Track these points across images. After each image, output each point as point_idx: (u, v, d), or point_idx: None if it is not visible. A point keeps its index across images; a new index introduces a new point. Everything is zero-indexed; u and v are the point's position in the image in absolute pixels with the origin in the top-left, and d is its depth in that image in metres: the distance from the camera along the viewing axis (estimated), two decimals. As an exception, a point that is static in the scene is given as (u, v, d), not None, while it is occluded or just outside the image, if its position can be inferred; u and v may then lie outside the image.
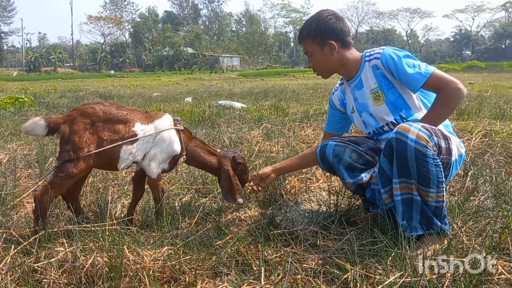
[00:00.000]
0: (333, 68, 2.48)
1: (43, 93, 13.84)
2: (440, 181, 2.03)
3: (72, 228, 2.17)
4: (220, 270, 1.96)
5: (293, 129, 5.50)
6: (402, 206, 2.10)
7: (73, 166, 2.19)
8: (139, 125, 2.36)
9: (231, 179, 2.57)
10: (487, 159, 3.73)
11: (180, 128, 2.49)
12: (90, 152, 2.22)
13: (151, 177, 2.42)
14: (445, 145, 2.11)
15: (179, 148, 2.46)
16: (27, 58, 71.25)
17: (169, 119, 2.48)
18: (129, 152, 2.32)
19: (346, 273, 1.83)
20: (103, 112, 2.29)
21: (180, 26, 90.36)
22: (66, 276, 1.87)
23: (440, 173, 2.02)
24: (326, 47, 2.40)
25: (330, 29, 2.38)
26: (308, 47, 2.46)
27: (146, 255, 1.96)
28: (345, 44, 2.42)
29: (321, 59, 2.45)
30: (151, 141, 2.38)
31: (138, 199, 2.56)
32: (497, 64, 40.56)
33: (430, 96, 2.34)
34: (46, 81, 32.64)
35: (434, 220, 2.07)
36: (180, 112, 7.60)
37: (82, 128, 2.23)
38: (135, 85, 22.93)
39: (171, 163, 2.48)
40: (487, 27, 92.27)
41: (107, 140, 2.27)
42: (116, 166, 2.34)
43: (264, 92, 12.12)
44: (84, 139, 2.22)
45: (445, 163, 2.12)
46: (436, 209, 2.07)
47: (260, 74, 42.18)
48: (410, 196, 2.09)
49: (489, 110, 6.82)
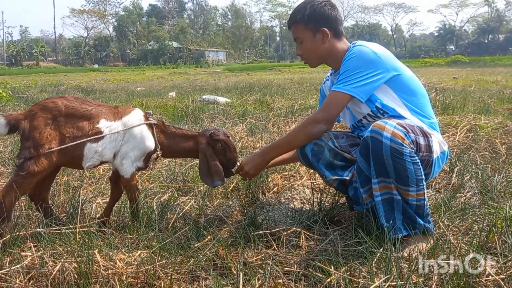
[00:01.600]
0: (322, 57, 2.37)
1: (23, 88, 13.53)
2: (419, 179, 1.96)
3: (41, 231, 2.05)
4: (197, 274, 1.87)
5: (278, 125, 5.42)
6: (383, 207, 2.04)
7: (34, 164, 2.05)
8: (104, 121, 2.22)
9: (207, 159, 2.37)
10: (472, 155, 3.69)
11: (152, 122, 2.33)
12: (51, 149, 2.09)
13: (124, 177, 2.29)
14: (425, 142, 2.05)
15: (152, 144, 2.31)
16: (8, 52, 69.79)
17: (139, 114, 2.33)
18: (94, 151, 2.19)
19: (330, 276, 1.75)
20: (65, 107, 2.15)
21: (165, 20, 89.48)
22: (33, 283, 1.75)
23: (418, 171, 1.96)
24: (319, 34, 2.30)
25: (325, 15, 2.28)
26: (299, 32, 2.34)
27: (119, 260, 1.85)
28: (337, 34, 2.33)
29: (312, 46, 2.33)
30: (120, 139, 2.25)
31: (116, 199, 2.43)
32: (480, 59, 41.02)
33: (410, 95, 2.22)
34: (27, 76, 32.03)
35: (417, 219, 2.01)
36: (163, 107, 7.45)
37: (43, 124, 2.09)
38: (119, 79, 22.61)
39: (146, 160, 2.36)
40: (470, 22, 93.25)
41: (69, 136, 2.14)
42: (80, 165, 2.21)
43: (249, 87, 12.00)
44: (45, 135, 2.08)
45: (425, 161, 2.05)
46: (418, 208, 2.01)
47: (245, 68, 41.99)
48: (390, 196, 2.02)
49: (474, 104, 6.82)
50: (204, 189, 2.97)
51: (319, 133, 2.19)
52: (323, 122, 2.15)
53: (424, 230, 2.04)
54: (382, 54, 2.19)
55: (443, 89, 9.97)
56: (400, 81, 2.20)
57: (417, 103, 2.22)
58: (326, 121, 2.17)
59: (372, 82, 2.14)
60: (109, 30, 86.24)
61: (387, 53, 2.23)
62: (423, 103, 2.25)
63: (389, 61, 2.19)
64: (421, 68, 30.88)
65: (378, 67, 2.15)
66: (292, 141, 2.26)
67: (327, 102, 2.16)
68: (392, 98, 2.21)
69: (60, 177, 3.14)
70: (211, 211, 2.66)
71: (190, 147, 2.40)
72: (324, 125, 2.17)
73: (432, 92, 8.90)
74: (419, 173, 1.96)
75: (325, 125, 2.17)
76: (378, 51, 2.19)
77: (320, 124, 2.16)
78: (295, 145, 2.27)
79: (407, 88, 2.22)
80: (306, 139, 2.24)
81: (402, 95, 2.21)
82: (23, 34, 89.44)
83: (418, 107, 2.22)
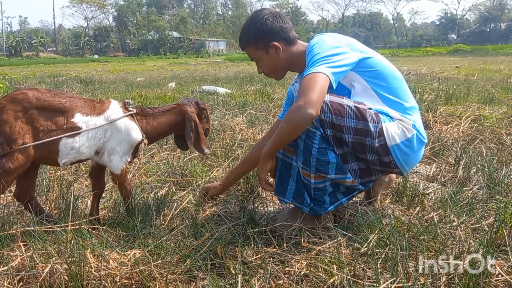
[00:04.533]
0: (283, 68, 2.32)
1: (22, 79, 13.41)
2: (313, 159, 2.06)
3: (31, 230, 1.97)
4: (194, 275, 1.79)
5: (278, 116, 5.31)
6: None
7: (9, 161, 1.94)
8: (79, 115, 2.10)
9: (197, 127, 2.30)
10: (478, 147, 3.60)
11: (133, 112, 2.22)
12: (25, 143, 1.97)
13: (115, 173, 2.19)
14: (364, 126, 2.00)
15: (138, 135, 2.21)
16: (8, 43, 69.39)
17: (117, 106, 2.22)
18: (70, 147, 2.07)
19: (333, 277, 1.68)
20: (36, 99, 2.01)
21: (165, 10, 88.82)
22: (23, 285, 1.68)
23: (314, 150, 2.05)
24: (271, 50, 2.23)
25: (270, 30, 2.20)
26: (252, 53, 2.29)
27: (112, 259, 1.77)
28: (290, 41, 2.25)
29: (269, 62, 2.28)
30: (101, 136, 2.14)
31: (99, 195, 2.34)
32: (482, 48, 40.78)
33: (379, 79, 2.13)
34: (27, 67, 31.82)
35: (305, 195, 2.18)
36: (162, 98, 7.35)
37: (12, 117, 1.96)
38: (118, 70, 22.47)
39: (134, 152, 2.26)
40: (472, 11, 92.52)
41: (43, 130, 2.01)
42: (56, 161, 2.09)
43: (249, 77, 11.88)
44: (16, 129, 1.96)
45: (380, 147, 2.03)
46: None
47: (246, 58, 41.55)
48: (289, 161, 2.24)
49: (477, 94, 6.72)
50: (204, 183, 2.89)
51: (305, 119, 1.91)
52: (305, 107, 1.88)
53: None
54: (343, 38, 2.17)
55: (446, 78, 9.87)
56: (369, 65, 2.12)
57: (390, 88, 2.14)
58: (309, 104, 1.88)
59: (341, 64, 2.02)
60: (108, 20, 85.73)
61: (347, 38, 2.20)
62: (396, 87, 2.16)
63: (352, 45, 2.14)
64: (422, 57, 30.70)
65: (343, 50, 2.07)
66: (281, 135, 2.03)
67: (303, 87, 1.95)
68: (362, 87, 2.13)
69: (53, 172, 3.06)
70: (209, 207, 2.57)
71: (173, 121, 2.33)
72: (307, 109, 1.88)
73: (435, 82, 8.80)
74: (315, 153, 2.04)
75: (308, 109, 1.88)
76: (338, 36, 2.18)
77: (302, 109, 1.89)
78: (284, 138, 2.04)
79: (377, 73, 2.13)
80: (293, 129, 1.97)
81: (372, 81, 2.13)
82: (22, 25, 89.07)
83: (390, 92, 2.14)
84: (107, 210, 2.51)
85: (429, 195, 2.65)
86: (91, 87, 10.56)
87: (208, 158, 3.50)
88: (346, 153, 2.08)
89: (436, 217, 2.19)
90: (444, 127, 4.33)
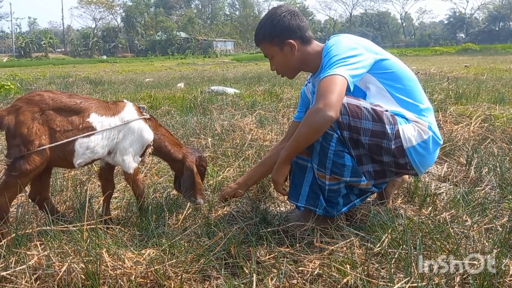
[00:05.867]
0: (296, 67, 2.30)
1: (32, 80, 13.53)
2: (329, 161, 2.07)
3: (47, 230, 1.99)
4: (208, 274, 1.80)
5: (288, 116, 5.33)
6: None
7: (26, 163, 1.95)
8: (95, 115, 2.12)
9: (194, 176, 2.38)
10: (489, 146, 3.58)
11: (146, 117, 2.28)
12: (42, 145, 1.98)
13: (128, 173, 2.22)
14: (381, 128, 2.01)
15: (150, 137, 2.27)
16: (17, 44, 70.00)
17: (132, 108, 2.27)
18: (85, 146, 2.09)
19: (346, 276, 1.68)
20: (52, 100, 2.03)
21: (173, 10, 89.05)
22: (40, 284, 1.70)
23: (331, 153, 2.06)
24: (286, 47, 2.22)
25: (286, 27, 2.20)
26: (266, 50, 2.28)
27: (128, 259, 1.79)
28: (305, 40, 2.24)
29: (283, 60, 2.27)
30: (114, 136, 2.18)
31: (110, 196, 2.37)
32: (492, 47, 40.46)
33: (394, 81, 2.14)
34: (36, 67, 32.09)
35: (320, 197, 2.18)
36: (172, 98, 7.39)
37: (29, 118, 1.97)
38: (127, 70, 22.58)
39: (143, 153, 2.30)
40: (481, 10, 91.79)
41: (60, 131, 2.03)
42: (72, 162, 2.11)
43: (257, 77, 11.89)
44: (34, 130, 1.96)
45: (396, 149, 2.04)
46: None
47: (254, 58, 41.75)
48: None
49: (487, 94, 6.67)
50: (214, 183, 2.90)
51: (326, 121, 1.92)
52: (325, 110, 1.88)
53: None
54: (359, 40, 2.16)
55: (455, 78, 9.81)
56: (384, 67, 2.12)
57: (405, 90, 2.14)
58: (329, 107, 1.88)
59: (358, 66, 2.02)
60: (117, 21, 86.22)
61: (363, 40, 2.19)
62: (411, 88, 2.16)
63: (367, 46, 2.13)
64: (431, 57, 30.52)
65: (360, 51, 2.07)
66: (300, 139, 2.02)
67: (321, 89, 1.94)
68: (377, 89, 2.14)
69: (67, 172, 3.09)
70: (221, 206, 2.59)
71: (175, 155, 2.43)
72: (327, 112, 1.88)
73: (444, 81, 8.75)
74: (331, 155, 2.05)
75: (328, 112, 1.88)
76: (354, 38, 2.16)
77: (321, 112, 1.88)
78: (303, 142, 2.04)
79: (392, 75, 2.13)
80: (312, 132, 1.97)
81: (387, 83, 2.13)
82: (31, 26, 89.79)
83: (406, 94, 2.14)
84: (120, 210, 2.53)
85: (441, 195, 2.64)
86: (101, 87, 10.62)
87: (219, 158, 3.52)
88: (361, 155, 2.08)
89: (448, 217, 2.19)
90: (455, 127, 4.31)
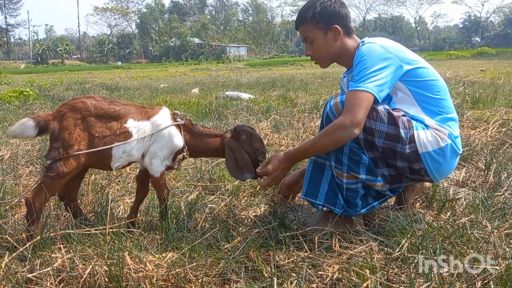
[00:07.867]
0: (334, 56, 2.29)
1: (49, 86, 13.74)
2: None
3: (70, 233, 2.04)
4: (228, 277, 1.82)
5: (303, 120, 5.34)
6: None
7: (63, 165, 2.04)
8: (132, 121, 2.20)
9: (233, 152, 2.33)
10: (508, 151, 3.55)
11: (180, 123, 2.31)
12: (80, 150, 2.07)
13: (154, 176, 2.27)
14: (396, 132, 2.04)
15: (181, 143, 2.29)
16: (35, 51, 71.07)
17: (167, 113, 2.31)
18: (122, 150, 2.17)
19: (366, 281, 1.69)
20: (94, 107, 2.13)
21: (187, 16, 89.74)
22: (64, 286, 1.74)
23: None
24: (330, 33, 2.22)
25: (336, 13, 2.21)
26: (309, 31, 2.26)
27: (149, 262, 1.82)
28: (348, 31, 2.26)
29: (324, 45, 2.25)
30: (148, 138, 2.23)
31: (141, 199, 2.41)
32: (508, 51, 39.86)
33: (424, 89, 2.14)
34: (53, 74, 32.56)
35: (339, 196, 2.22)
36: (187, 104, 7.45)
37: (72, 124, 2.08)
38: (142, 76, 22.80)
39: (173, 159, 2.33)
40: (496, 13, 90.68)
41: (98, 137, 2.12)
42: (109, 165, 2.19)
43: (271, 82, 11.92)
44: (75, 135, 2.07)
45: (410, 153, 2.05)
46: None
47: (267, 63, 41.86)
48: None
49: (505, 98, 6.60)
50: (232, 187, 2.93)
51: (350, 138, 2.03)
52: (351, 127, 1.98)
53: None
54: (393, 48, 2.13)
55: (471, 82, 9.71)
56: (416, 75, 2.12)
57: (433, 98, 2.14)
58: (355, 125, 1.98)
59: (388, 80, 2.05)
60: (131, 27, 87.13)
61: (398, 46, 2.17)
62: (440, 97, 2.16)
63: (400, 55, 2.12)
64: (446, 61, 30.23)
65: (391, 62, 2.07)
66: (318, 146, 2.10)
67: (350, 103, 2.02)
68: (404, 95, 2.15)
69: (88, 176, 3.15)
70: (239, 211, 2.61)
71: (217, 146, 2.37)
72: (353, 129, 1.98)
73: (460, 86, 8.67)
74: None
75: (354, 129, 1.98)
76: (388, 45, 2.13)
77: (348, 129, 1.98)
78: (320, 151, 2.14)
79: (423, 83, 2.13)
80: (333, 145, 2.07)
81: (416, 91, 2.13)
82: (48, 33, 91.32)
83: (432, 102, 2.14)
84: (140, 214, 2.57)
85: (459, 200, 2.63)
86: (117, 93, 10.74)
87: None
88: (376, 158, 2.09)
89: (467, 222, 2.18)
90: (472, 132, 4.28)
